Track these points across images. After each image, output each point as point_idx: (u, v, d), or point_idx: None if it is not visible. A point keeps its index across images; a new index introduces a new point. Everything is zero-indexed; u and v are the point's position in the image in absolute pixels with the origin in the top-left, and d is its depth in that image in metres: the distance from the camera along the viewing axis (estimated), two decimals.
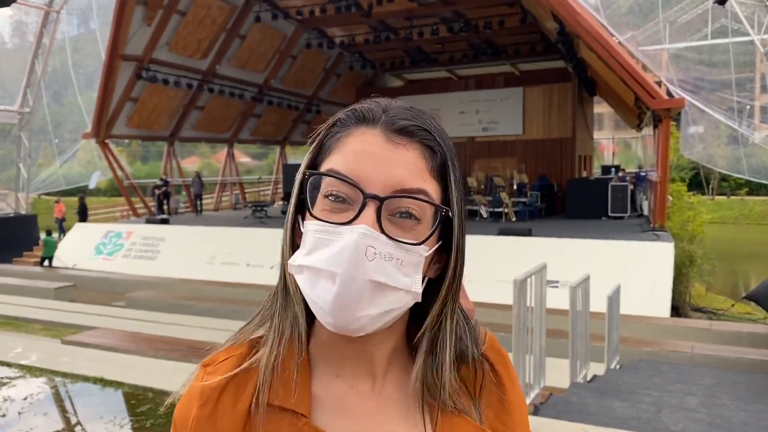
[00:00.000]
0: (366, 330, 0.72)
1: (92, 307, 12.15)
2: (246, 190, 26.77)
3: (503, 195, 17.25)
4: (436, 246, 0.76)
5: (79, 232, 17.90)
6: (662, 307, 10.43)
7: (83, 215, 20.31)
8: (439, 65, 25.63)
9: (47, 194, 23.40)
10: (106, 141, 19.46)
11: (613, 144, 34.22)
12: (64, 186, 23.16)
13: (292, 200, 0.79)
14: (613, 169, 20.56)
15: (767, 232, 31.36)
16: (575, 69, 18.75)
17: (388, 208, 0.72)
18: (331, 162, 0.75)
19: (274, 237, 14.75)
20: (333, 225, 0.71)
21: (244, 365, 0.79)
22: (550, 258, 8.70)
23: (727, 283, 18.85)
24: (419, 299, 0.75)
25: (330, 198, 0.73)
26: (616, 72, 13.51)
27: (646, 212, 17.09)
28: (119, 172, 20.10)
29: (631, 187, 17.50)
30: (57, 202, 20.38)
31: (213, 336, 9.34)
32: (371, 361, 0.79)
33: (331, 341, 0.78)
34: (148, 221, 18.13)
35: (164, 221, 17.94)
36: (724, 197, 39.66)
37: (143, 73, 18.28)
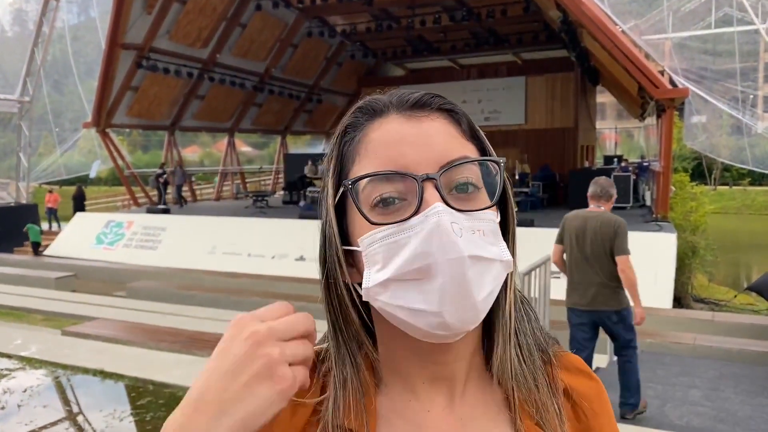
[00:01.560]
0: (480, 317, 0.66)
1: (93, 297, 12.14)
2: (247, 180, 26.70)
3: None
4: (499, 212, 0.71)
5: (80, 221, 17.86)
6: (664, 299, 10.37)
7: (80, 204, 20.30)
8: (441, 54, 25.49)
9: (48, 183, 23.34)
10: (107, 130, 19.39)
11: (615, 134, 34.09)
12: (64, 175, 23.11)
13: (333, 231, 0.70)
14: (615, 159, 20.48)
15: None
16: (578, 58, 18.62)
17: (444, 185, 0.66)
18: (362, 168, 0.68)
19: (275, 227, 14.75)
20: (400, 222, 0.64)
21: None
22: (552, 248, 8.65)
23: (729, 274, 18.81)
24: (512, 268, 0.69)
25: (379, 206, 0.66)
26: (619, 61, 13.40)
27: (648, 202, 17.03)
28: (120, 162, 20.04)
29: (633, 177, 17.42)
30: (50, 192, 20.22)
31: (214, 327, 9.33)
32: (449, 381, 0.73)
33: (403, 364, 0.72)
34: (149, 211, 18.09)
35: (165, 211, 17.90)
36: (727, 187, 39.57)
37: (143, 62, 18.18)
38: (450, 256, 0.62)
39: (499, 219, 0.70)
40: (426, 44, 24.84)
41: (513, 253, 0.72)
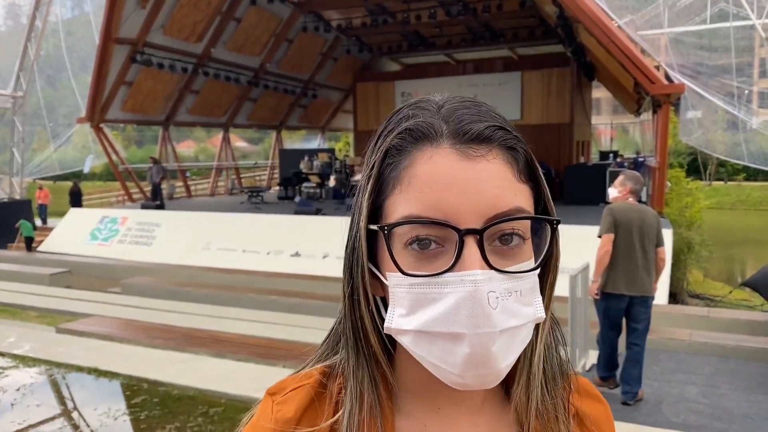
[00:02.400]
0: (500, 379, 0.63)
1: (88, 293, 12.08)
2: (242, 175, 26.62)
3: None
4: (545, 255, 0.67)
5: (74, 217, 17.77)
6: (660, 294, 10.33)
7: (77, 200, 20.20)
8: (437, 49, 25.43)
9: (42, 179, 23.22)
10: (101, 125, 19.29)
11: (611, 129, 34.11)
12: (58, 171, 22.98)
13: (361, 251, 0.67)
14: (611, 155, 20.48)
15: (764, 218, 31.38)
16: (574, 53, 18.58)
17: (487, 237, 0.61)
18: (402, 202, 0.63)
19: (270, 223, 14.70)
20: (433, 276, 0.60)
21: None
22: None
23: (724, 269, 18.84)
24: (543, 319, 0.66)
25: (413, 246, 0.62)
26: (615, 57, 13.37)
27: (644, 198, 17.03)
28: (114, 157, 19.94)
29: None
30: (40, 188, 20.07)
31: (209, 323, 9.29)
32: (468, 405, 0.71)
33: (422, 386, 0.69)
34: (144, 206, 18.01)
35: (160, 206, 17.82)
36: (722, 183, 39.65)
37: (138, 56, 18.07)
38: (480, 330, 0.59)
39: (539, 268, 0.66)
40: (422, 39, 24.78)
41: (550, 299, 0.70)
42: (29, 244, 17.06)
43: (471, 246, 0.60)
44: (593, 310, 6.60)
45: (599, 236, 5.26)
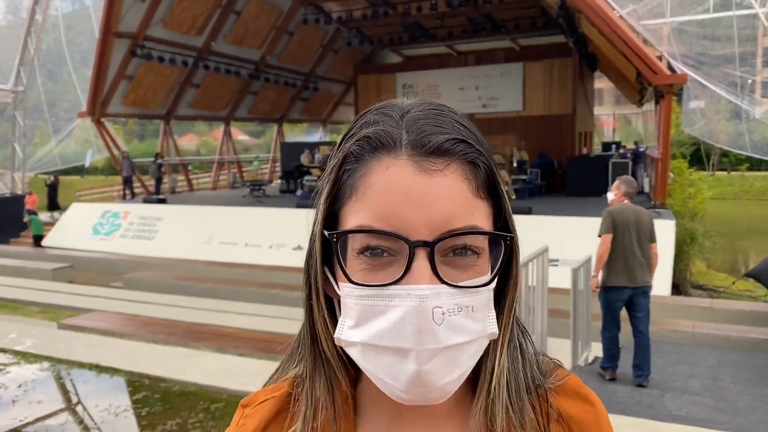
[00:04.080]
0: (448, 395, 0.61)
1: (90, 288, 12.09)
2: (243, 169, 26.59)
3: (503, 173, 17.10)
4: (498, 270, 0.64)
5: (76, 211, 17.77)
6: (663, 286, 10.34)
7: (53, 195, 20.42)
8: (438, 41, 25.33)
9: (45, 173, 23.20)
10: (102, 120, 19.26)
11: (613, 120, 34.00)
12: (60, 165, 22.96)
13: (315, 255, 0.67)
14: (613, 146, 20.42)
15: (767, 208, 31.28)
16: (576, 44, 18.49)
17: (439, 250, 0.60)
18: (356, 211, 0.62)
19: (272, 216, 14.68)
20: (380, 287, 0.59)
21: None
22: (550, 236, 8.61)
23: (727, 260, 18.79)
24: (496, 335, 0.65)
25: (366, 255, 0.61)
26: (617, 47, 13.30)
27: (647, 189, 16.98)
28: (115, 151, 19.93)
29: (631, 164, 17.36)
30: (29, 193, 19.90)
31: (211, 318, 9.29)
32: (432, 415, 0.69)
33: (384, 396, 0.65)
34: (146, 201, 18.00)
35: (161, 201, 17.81)
36: (725, 173, 39.52)
37: (138, 50, 18.02)
38: (424, 347, 0.58)
39: (494, 283, 0.64)
40: (422, 31, 24.67)
41: (509, 316, 0.68)
42: (38, 240, 17.01)
43: (421, 259, 0.59)
44: (596, 303, 6.61)
45: (599, 236, 5.75)
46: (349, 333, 0.62)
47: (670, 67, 13.98)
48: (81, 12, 24.13)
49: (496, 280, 0.64)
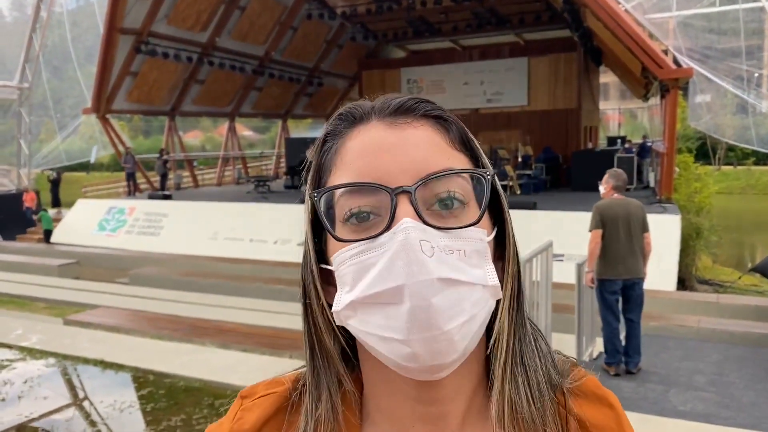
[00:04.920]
0: (457, 350, 0.58)
1: (96, 284, 12.13)
2: (249, 165, 26.60)
3: (508, 168, 17.07)
4: (494, 232, 0.64)
5: (82, 207, 17.83)
6: (668, 281, 10.31)
7: (55, 190, 20.52)
8: (443, 35, 25.23)
9: (51, 169, 23.29)
10: (107, 116, 19.30)
11: (619, 114, 33.87)
12: (65, 161, 23.05)
13: (309, 249, 0.66)
14: (619, 141, 20.33)
15: None
16: (581, 38, 18.41)
17: (423, 200, 0.60)
18: (337, 179, 0.63)
19: (277, 212, 14.68)
20: (368, 240, 0.58)
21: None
22: (555, 231, 8.61)
23: (733, 254, 18.72)
24: (500, 294, 0.62)
25: (352, 221, 0.60)
26: (622, 41, 13.23)
27: (652, 184, 16.92)
28: (120, 147, 19.97)
29: (637, 159, 17.29)
30: (26, 191, 19.89)
31: (216, 313, 9.31)
32: (443, 424, 0.65)
33: (392, 404, 0.65)
34: (151, 197, 18.04)
35: (167, 197, 17.84)
36: (731, 167, 39.35)
37: (142, 46, 18.02)
38: (415, 279, 0.55)
39: (492, 236, 0.63)
40: (427, 25, 24.59)
41: (508, 276, 0.65)
42: (48, 236, 17.05)
43: (404, 204, 0.59)
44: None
45: (589, 231, 5.86)
46: (344, 298, 0.61)
47: (676, 61, 13.91)
48: (86, 8, 24.16)
49: (491, 234, 0.64)
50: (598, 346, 6.98)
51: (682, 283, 11.67)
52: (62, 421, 5.76)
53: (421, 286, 0.55)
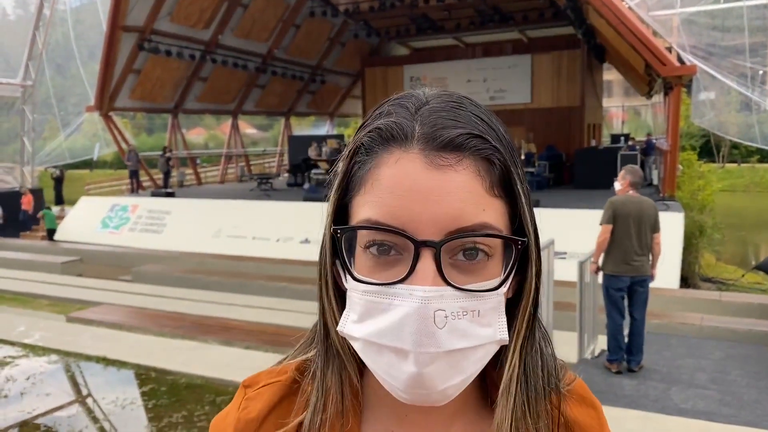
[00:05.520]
0: (451, 397, 0.60)
1: (99, 281, 12.16)
2: (251, 162, 26.62)
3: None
4: (513, 272, 0.62)
5: (85, 205, 17.87)
6: (671, 279, 10.29)
7: (58, 187, 20.57)
8: (446, 33, 25.19)
9: (54, 167, 23.34)
10: (110, 114, 19.32)
11: (622, 112, 33.79)
12: (68, 159, 23.09)
13: (326, 249, 0.66)
14: (622, 138, 20.29)
15: None
16: (584, 35, 18.36)
17: (448, 251, 0.58)
18: (364, 205, 0.60)
19: (280, 210, 14.70)
20: (384, 285, 0.58)
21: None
22: (558, 229, 8.59)
23: (737, 252, 18.68)
24: (507, 341, 0.62)
25: (372, 250, 0.59)
26: (625, 38, 13.20)
27: (655, 182, 16.88)
28: (123, 145, 20.00)
29: (641, 156, 17.25)
30: (23, 193, 19.75)
31: (219, 310, 9.32)
32: (438, 413, 0.67)
33: (390, 392, 0.65)
34: (154, 194, 18.07)
35: (170, 194, 17.87)
36: (735, 165, 39.26)
37: (145, 44, 18.04)
38: (423, 350, 0.56)
39: (508, 287, 0.62)
40: (430, 22, 24.55)
41: (523, 323, 0.65)
42: (51, 235, 17.07)
43: (426, 259, 0.57)
44: (602, 296, 6.62)
45: (600, 224, 5.91)
46: (351, 327, 0.61)
47: (680, 59, 13.88)
48: (89, 6, 24.18)
49: (507, 285, 0.62)
50: (600, 344, 6.98)
51: (685, 281, 11.65)
52: (65, 417, 5.77)
53: (427, 357, 0.56)
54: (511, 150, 0.63)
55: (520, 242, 0.61)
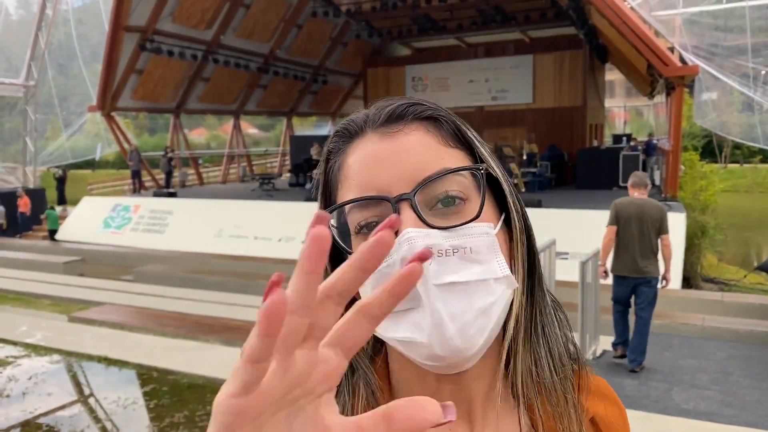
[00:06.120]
0: (475, 344, 0.60)
1: (101, 281, 12.17)
2: (253, 162, 26.63)
3: (513, 165, 17.03)
4: (502, 218, 0.66)
5: (87, 205, 17.88)
6: (673, 279, 10.27)
7: (60, 187, 20.59)
8: (448, 33, 25.18)
9: (57, 167, 23.39)
10: (112, 114, 19.34)
11: (624, 112, 33.76)
12: (71, 159, 23.12)
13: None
14: (624, 138, 20.25)
15: None
16: (586, 36, 18.36)
17: (425, 203, 0.62)
18: (343, 195, 0.66)
19: (281, 210, 14.70)
20: None
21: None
22: (560, 229, 8.59)
23: (739, 253, 18.66)
24: (515, 283, 0.64)
25: (363, 232, 0.64)
26: (627, 39, 13.20)
27: (657, 182, 16.86)
28: (126, 145, 20.02)
29: (643, 157, 17.23)
30: (19, 196, 19.65)
31: (221, 310, 9.33)
32: (468, 401, 0.68)
33: (419, 383, 0.68)
34: (156, 194, 18.07)
35: (172, 194, 17.88)
36: (737, 165, 39.21)
37: (147, 44, 18.06)
38: (426, 285, 0.58)
39: (500, 225, 0.65)
40: (432, 23, 24.55)
41: (518, 259, 0.67)
42: (53, 236, 17.07)
43: (406, 210, 0.61)
44: (604, 296, 6.64)
45: (606, 226, 6.06)
46: None
47: (682, 59, 13.87)
48: (91, 6, 24.21)
49: (498, 225, 0.64)
50: (602, 344, 6.97)
51: (687, 281, 11.65)
52: (67, 417, 5.78)
53: (432, 291, 0.58)
54: (450, 114, 0.69)
55: (480, 168, 0.65)
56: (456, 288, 0.59)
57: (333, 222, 0.65)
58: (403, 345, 0.62)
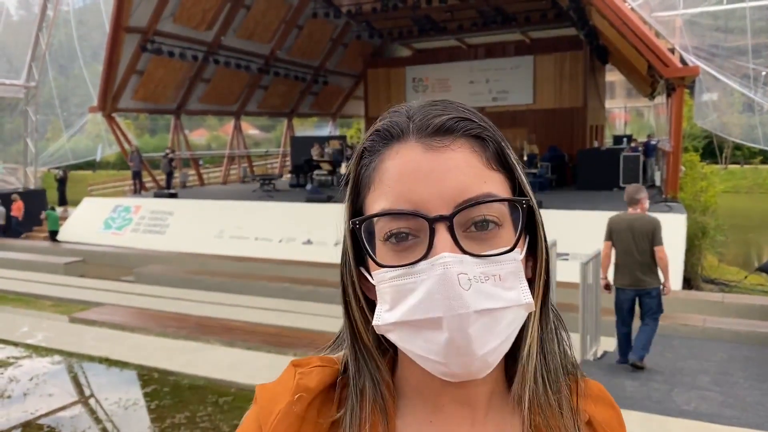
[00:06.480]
0: (491, 367, 0.63)
1: (101, 282, 12.18)
2: (254, 163, 26.63)
3: None
4: (527, 242, 0.67)
5: (88, 206, 17.89)
6: (674, 280, 10.26)
7: (62, 188, 20.53)
8: (448, 34, 25.18)
9: (57, 168, 23.39)
10: (113, 114, 19.35)
11: (625, 113, 33.75)
12: (71, 160, 23.11)
13: (348, 253, 0.69)
14: (624, 139, 20.26)
15: None
16: (587, 37, 18.35)
17: (460, 225, 0.62)
18: (375, 199, 0.65)
19: (282, 211, 14.71)
20: (408, 266, 0.61)
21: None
22: (560, 230, 8.58)
23: (740, 254, 18.65)
24: (533, 307, 0.65)
25: (391, 240, 0.63)
26: (628, 39, 13.20)
27: (658, 183, 16.86)
28: (126, 146, 20.02)
29: (642, 158, 17.23)
30: (13, 200, 19.49)
31: (221, 311, 9.33)
32: (471, 404, 0.70)
33: (424, 384, 0.69)
34: (157, 195, 18.08)
35: (172, 195, 17.88)
36: (738, 166, 39.19)
37: (148, 45, 18.07)
38: (454, 312, 0.59)
39: (524, 254, 0.66)
40: (432, 23, 24.55)
41: (539, 286, 0.69)
42: (54, 236, 17.05)
43: (442, 233, 0.61)
44: (605, 297, 6.64)
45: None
46: (385, 317, 0.64)
47: (682, 60, 13.87)
48: (92, 7, 24.20)
49: (524, 250, 0.65)
50: (603, 345, 6.98)
51: (688, 283, 11.64)
52: (67, 418, 5.79)
53: (459, 319, 0.59)
54: (497, 131, 0.69)
55: (524, 202, 0.65)
56: (483, 315, 0.60)
57: (362, 227, 0.65)
58: (418, 358, 0.63)
